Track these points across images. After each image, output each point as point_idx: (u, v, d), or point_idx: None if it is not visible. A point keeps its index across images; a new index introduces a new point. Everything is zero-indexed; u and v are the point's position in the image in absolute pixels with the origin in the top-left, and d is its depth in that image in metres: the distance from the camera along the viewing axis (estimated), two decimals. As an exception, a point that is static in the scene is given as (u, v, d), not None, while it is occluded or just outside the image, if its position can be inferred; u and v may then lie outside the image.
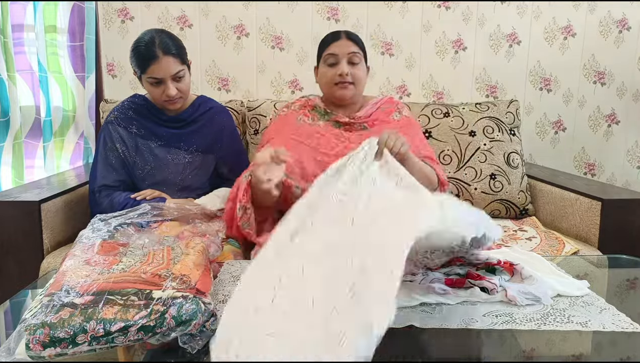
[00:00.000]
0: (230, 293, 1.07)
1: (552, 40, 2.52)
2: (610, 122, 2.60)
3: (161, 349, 0.87)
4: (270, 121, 2.07)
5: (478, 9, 2.48)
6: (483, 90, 2.55)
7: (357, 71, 1.56)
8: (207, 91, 2.40)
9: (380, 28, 2.48)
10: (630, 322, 0.96)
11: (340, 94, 1.56)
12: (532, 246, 1.70)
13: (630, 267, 1.35)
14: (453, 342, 0.95)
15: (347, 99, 1.58)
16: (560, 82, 2.56)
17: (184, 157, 1.72)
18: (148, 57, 1.55)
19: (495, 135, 2.15)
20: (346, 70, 1.53)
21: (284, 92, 2.51)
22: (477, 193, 2.08)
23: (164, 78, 1.58)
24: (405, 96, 2.54)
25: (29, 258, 1.60)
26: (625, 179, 2.63)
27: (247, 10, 2.44)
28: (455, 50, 2.52)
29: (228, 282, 1.16)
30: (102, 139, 1.70)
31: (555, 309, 1.02)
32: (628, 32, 2.52)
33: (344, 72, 1.53)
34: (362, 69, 1.58)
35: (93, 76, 2.35)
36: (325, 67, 1.57)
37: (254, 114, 2.19)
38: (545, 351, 0.91)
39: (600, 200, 1.73)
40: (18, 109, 1.99)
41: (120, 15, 2.42)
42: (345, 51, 1.54)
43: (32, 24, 2.12)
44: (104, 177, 1.67)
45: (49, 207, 1.65)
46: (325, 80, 1.58)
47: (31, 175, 2.14)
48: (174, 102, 1.63)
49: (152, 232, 1.22)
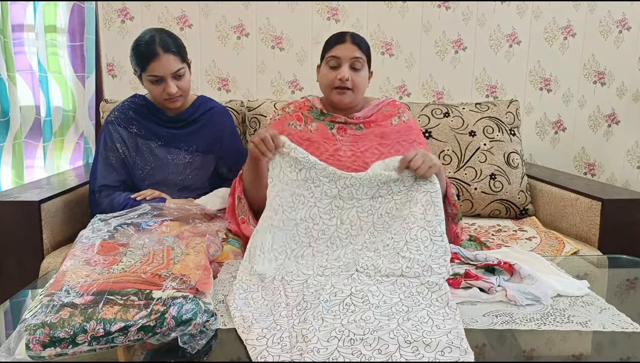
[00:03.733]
0: (229, 293, 1.07)
1: (552, 40, 2.52)
2: (610, 122, 2.60)
3: (161, 349, 0.87)
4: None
5: (478, 9, 2.48)
6: (483, 90, 2.55)
7: (358, 77, 1.53)
8: (207, 91, 2.40)
9: (380, 28, 2.48)
10: (630, 322, 0.96)
11: (338, 99, 1.54)
12: (532, 246, 1.70)
13: (630, 267, 1.36)
14: (453, 342, 0.95)
15: (344, 104, 1.56)
16: (560, 82, 2.56)
17: (184, 157, 1.72)
18: (148, 54, 1.55)
19: (495, 135, 2.15)
20: (346, 76, 1.51)
21: (284, 92, 2.51)
22: (477, 193, 2.08)
23: (164, 76, 1.58)
24: (405, 96, 2.54)
25: (29, 258, 1.60)
26: (625, 179, 2.63)
27: (247, 10, 2.44)
28: (455, 50, 2.52)
29: (228, 282, 1.16)
30: (102, 138, 1.70)
31: (555, 309, 1.02)
32: (628, 32, 2.52)
33: (344, 77, 1.50)
34: (364, 75, 1.55)
35: (93, 76, 2.35)
36: (327, 68, 1.55)
37: (254, 114, 2.19)
38: (545, 351, 0.91)
39: (600, 200, 1.73)
40: (18, 109, 1.99)
41: (120, 15, 2.42)
42: (349, 55, 1.51)
43: (32, 24, 2.12)
44: (104, 177, 1.67)
45: (49, 207, 1.65)
46: (325, 82, 1.55)
47: (31, 175, 2.14)
48: (174, 100, 1.63)
49: (152, 232, 1.22)
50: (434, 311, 0.97)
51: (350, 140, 1.56)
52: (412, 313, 0.97)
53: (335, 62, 1.52)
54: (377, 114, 1.61)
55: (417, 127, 1.66)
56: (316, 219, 1.28)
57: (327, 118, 1.60)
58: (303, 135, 1.58)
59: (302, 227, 1.27)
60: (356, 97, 1.56)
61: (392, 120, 1.61)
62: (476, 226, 1.96)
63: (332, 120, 1.59)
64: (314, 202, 1.29)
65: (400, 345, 0.85)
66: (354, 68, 1.52)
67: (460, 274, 1.13)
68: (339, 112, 1.61)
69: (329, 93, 1.56)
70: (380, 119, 1.60)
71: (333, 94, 1.54)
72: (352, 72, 1.52)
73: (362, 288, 1.07)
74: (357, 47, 1.53)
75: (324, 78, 1.55)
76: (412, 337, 0.87)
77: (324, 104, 1.64)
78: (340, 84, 1.51)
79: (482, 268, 1.18)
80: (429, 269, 1.13)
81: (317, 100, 1.65)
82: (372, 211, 1.28)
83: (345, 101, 1.55)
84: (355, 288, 1.06)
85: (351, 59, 1.51)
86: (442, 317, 0.95)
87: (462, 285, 1.09)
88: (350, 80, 1.51)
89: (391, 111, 1.63)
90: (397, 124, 1.61)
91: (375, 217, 1.28)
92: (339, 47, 1.53)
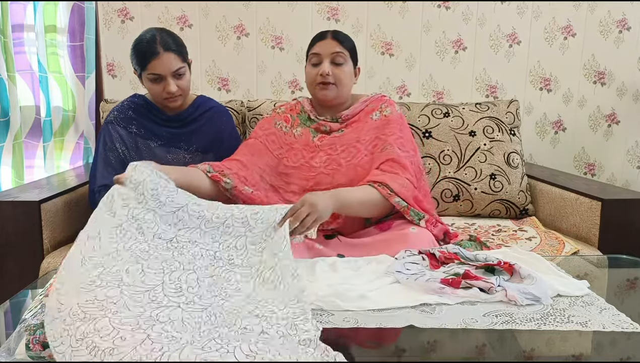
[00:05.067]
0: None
1: (552, 40, 2.52)
2: (610, 122, 2.60)
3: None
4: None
5: (478, 9, 2.48)
6: (483, 90, 2.55)
7: (340, 72, 1.52)
8: (207, 91, 2.40)
9: (380, 28, 2.48)
10: (630, 322, 0.96)
11: (322, 95, 1.54)
12: (532, 246, 1.70)
13: (630, 267, 1.36)
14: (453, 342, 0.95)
15: (329, 99, 1.56)
16: (560, 82, 2.56)
17: (184, 156, 1.72)
18: (149, 53, 1.56)
19: (495, 135, 2.15)
20: (327, 70, 1.51)
21: (284, 92, 2.51)
22: (477, 194, 2.08)
23: (164, 74, 1.58)
24: (405, 96, 2.54)
25: (29, 258, 1.60)
26: (625, 179, 2.63)
27: (247, 10, 2.44)
28: (455, 50, 2.52)
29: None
30: (102, 138, 1.70)
31: (555, 309, 1.02)
32: (628, 32, 2.52)
33: (325, 72, 1.50)
34: (347, 70, 1.54)
35: (93, 76, 2.35)
36: (310, 66, 1.56)
37: (254, 114, 2.19)
38: (545, 351, 0.91)
39: (600, 200, 1.73)
40: (18, 109, 1.99)
41: (120, 15, 2.42)
42: (329, 51, 1.52)
43: (32, 24, 2.12)
44: (104, 177, 1.67)
45: (49, 207, 1.65)
46: (309, 80, 1.57)
47: (31, 175, 2.14)
48: (174, 99, 1.63)
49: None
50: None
51: (329, 144, 1.57)
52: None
53: (317, 58, 1.54)
54: (362, 111, 1.60)
55: (397, 120, 1.57)
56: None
57: (312, 125, 1.61)
58: (286, 140, 1.61)
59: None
60: (340, 92, 1.55)
61: (373, 115, 1.58)
62: (476, 226, 1.96)
63: (317, 128, 1.60)
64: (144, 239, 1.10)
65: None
66: (335, 63, 1.52)
67: (460, 274, 1.13)
68: (327, 111, 1.61)
69: (313, 90, 1.57)
70: (362, 116, 1.59)
71: (317, 90, 1.55)
72: (333, 67, 1.52)
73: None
74: (338, 42, 1.53)
75: (308, 76, 1.57)
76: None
77: (313, 105, 1.64)
78: (322, 80, 1.52)
79: (482, 268, 1.18)
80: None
81: (307, 102, 1.66)
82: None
83: (329, 96, 1.54)
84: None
85: (332, 54, 1.52)
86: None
87: (462, 285, 1.09)
88: (332, 75, 1.51)
89: (374, 106, 1.60)
90: (378, 118, 1.58)
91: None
92: (319, 43, 1.54)
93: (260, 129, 1.65)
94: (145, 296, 0.91)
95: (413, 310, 1.02)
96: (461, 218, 2.06)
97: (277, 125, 1.63)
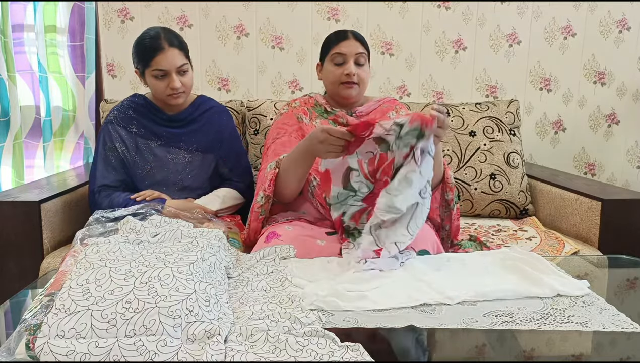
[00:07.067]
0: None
1: (552, 40, 2.52)
2: (610, 122, 2.60)
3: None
4: (272, 121, 2.08)
5: (478, 9, 2.48)
6: (483, 90, 2.55)
7: (363, 72, 1.60)
8: (207, 91, 2.40)
9: (380, 28, 2.48)
10: (630, 322, 0.96)
11: (346, 94, 1.60)
12: (532, 246, 1.70)
13: (630, 267, 1.36)
14: (453, 342, 0.95)
15: (352, 98, 1.62)
16: (560, 82, 2.56)
17: (184, 156, 1.72)
18: (154, 48, 1.56)
19: (495, 135, 2.15)
20: (353, 71, 1.57)
21: (284, 92, 2.51)
22: (477, 193, 2.08)
23: (169, 70, 1.58)
24: (405, 96, 2.54)
25: (29, 258, 1.60)
26: (625, 179, 2.63)
27: (247, 10, 2.44)
28: (455, 50, 2.52)
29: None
30: (102, 138, 1.70)
31: (555, 309, 1.02)
32: (628, 32, 2.52)
33: (352, 72, 1.57)
34: (367, 70, 1.63)
35: (93, 76, 2.35)
36: (332, 65, 1.60)
37: (254, 114, 2.19)
38: (545, 351, 0.91)
39: (600, 200, 1.73)
40: (18, 109, 1.99)
41: (120, 15, 2.42)
42: (353, 51, 1.58)
43: (32, 24, 2.12)
44: (104, 177, 1.67)
45: (49, 207, 1.65)
46: (332, 78, 1.61)
47: (31, 175, 2.14)
48: (177, 96, 1.63)
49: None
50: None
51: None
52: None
53: (341, 58, 1.59)
54: (378, 110, 1.67)
55: None
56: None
57: (329, 116, 1.64)
58: (309, 130, 1.61)
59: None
60: (362, 91, 1.64)
61: (390, 115, 1.66)
62: (476, 226, 1.96)
63: (335, 120, 1.61)
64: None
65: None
66: (358, 63, 1.59)
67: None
68: (342, 107, 1.66)
69: (336, 88, 1.61)
70: (380, 114, 1.66)
71: (341, 88, 1.60)
72: (357, 67, 1.59)
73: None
74: (360, 43, 1.60)
75: (331, 74, 1.61)
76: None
77: (327, 100, 1.69)
78: (347, 79, 1.58)
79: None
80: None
81: (320, 97, 1.70)
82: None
83: (353, 95, 1.61)
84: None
85: (356, 55, 1.58)
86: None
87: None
88: (356, 75, 1.58)
89: (389, 106, 1.70)
90: (395, 117, 1.63)
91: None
92: (343, 43, 1.59)
93: (286, 124, 1.65)
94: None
95: (413, 310, 1.02)
96: (461, 218, 2.04)
97: (299, 118, 1.66)
